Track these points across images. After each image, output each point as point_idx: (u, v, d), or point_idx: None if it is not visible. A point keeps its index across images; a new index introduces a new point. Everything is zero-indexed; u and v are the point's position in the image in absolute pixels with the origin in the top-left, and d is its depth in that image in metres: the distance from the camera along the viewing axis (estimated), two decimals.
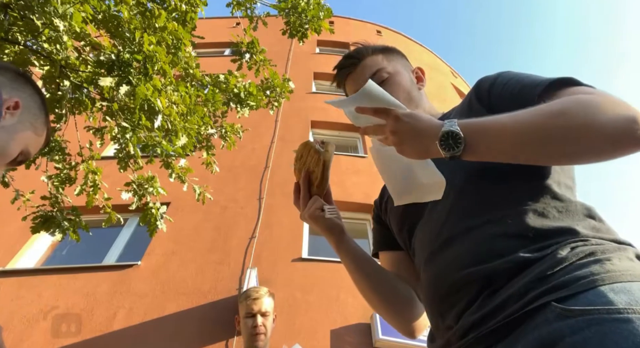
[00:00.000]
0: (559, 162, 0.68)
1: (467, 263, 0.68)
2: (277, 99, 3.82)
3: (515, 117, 0.64)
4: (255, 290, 1.94)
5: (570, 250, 0.61)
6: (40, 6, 2.22)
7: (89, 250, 5.98)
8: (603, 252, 0.61)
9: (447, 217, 0.76)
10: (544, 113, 0.63)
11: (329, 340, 4.79)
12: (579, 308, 0.53)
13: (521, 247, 0.64)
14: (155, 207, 3.12)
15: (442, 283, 0.72)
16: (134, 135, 2.76)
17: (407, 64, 1.04)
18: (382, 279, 0.93)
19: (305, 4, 3.56)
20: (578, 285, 0.56)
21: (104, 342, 4.76)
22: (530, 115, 0.63)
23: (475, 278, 0.67)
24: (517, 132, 0.62)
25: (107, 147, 6.70)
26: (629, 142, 0.59)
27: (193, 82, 3.42)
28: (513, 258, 0.64)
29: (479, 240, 0.69)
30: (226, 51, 11.68)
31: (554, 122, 0.61)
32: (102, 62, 2.56)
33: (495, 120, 0.65)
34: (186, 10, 2.93)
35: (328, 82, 11.45)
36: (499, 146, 0.64)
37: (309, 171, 0.93)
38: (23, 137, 0.73)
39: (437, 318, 0.75)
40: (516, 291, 0.60)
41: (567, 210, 0.69)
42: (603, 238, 0.65)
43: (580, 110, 0.61)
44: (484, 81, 0.82)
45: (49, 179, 3.08)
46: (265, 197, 6.88)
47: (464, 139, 0.63)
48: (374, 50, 0.99)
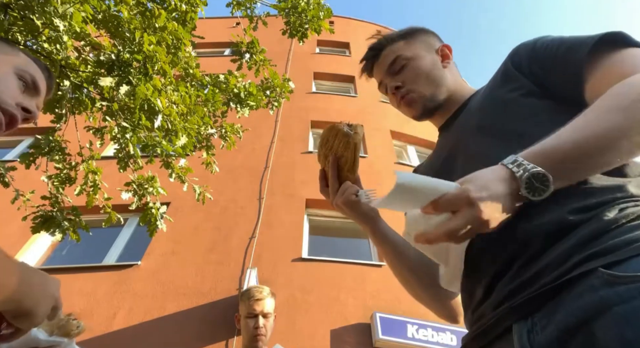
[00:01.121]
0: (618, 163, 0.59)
1: (500, 232, 0.59)
2: (277, 99, 3.82)
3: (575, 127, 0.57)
4: (259, 291, 1.92)
5: (618, 212, 0.56)
6: (40, 6, 2.22)
7: (89, 250, 5.98)
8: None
9: None
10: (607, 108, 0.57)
11: (329, 340, 4.79)
12: (629, 274, 0.47)
13: (566, 205, 0.59)
14: (155, 207, 3.12)
15: (479, 254, 0.67)
16: (134, 135, 2.76)
17: (432, 42, 1.00)
18: (422, 263, 0.87)
19: (305, 4, 3.56)
20: (629, 249, 0.50)
21: (104, 342, 4.76)
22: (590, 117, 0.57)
23: (510, 242, 0.61)
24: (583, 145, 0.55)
25: (107, 147, 6.70)
26: None
27: (193, 82, 3.42)
28: (556, 219, 0.58)
29: None
30: (226, 51, 11.68)
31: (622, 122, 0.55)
32: (102, 62, 2.56)
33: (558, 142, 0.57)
34: (186, 10, 2.93)
35: (328, 82, 11.45)
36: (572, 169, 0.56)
37: (338, 156, 0.87)
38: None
39: (470, 287, 0.70)
40: (556, 257, 0.55)
41: (618, 169, 0.62)
42: None
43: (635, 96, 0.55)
44: (521, 47, 0.77)
45: (49, 179, 3.07)
46: (265, 197, 6.88)
47: (549, 178, 0.53)
48: (393, 39, 0.98)
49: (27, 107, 0.71)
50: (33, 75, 0.73)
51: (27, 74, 0.72)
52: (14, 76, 0.69)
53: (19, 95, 0.70)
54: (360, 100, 10.31)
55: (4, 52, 0.71)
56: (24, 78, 0.71)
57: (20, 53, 0.74)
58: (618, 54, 0.64)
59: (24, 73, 0.71)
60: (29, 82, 0.72)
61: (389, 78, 0.96)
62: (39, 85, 0.74)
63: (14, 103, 0.69)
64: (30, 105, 0.71)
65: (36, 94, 0.74)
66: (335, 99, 10.26)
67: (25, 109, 0.71)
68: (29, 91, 0.72)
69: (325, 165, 0.90)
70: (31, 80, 0.72)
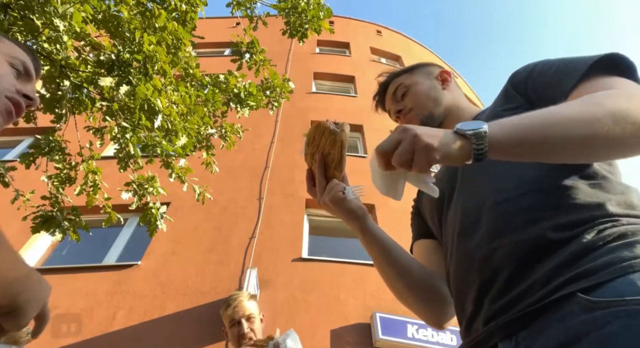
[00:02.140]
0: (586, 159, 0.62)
1: (487, 241, 0.66)
2: (277, 99, 3.82)
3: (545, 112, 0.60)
4: (234, 298, 1.86)
5: (597, 233, 0.57)
6: (40, 6, 2.22)
7: (89, 250, 5.98)
8: (634, 234, 0.56)
9: (477, 194, 0.74)
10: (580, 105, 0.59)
11: (329, 340, 4.79)
12: (605, 299, 0.49)
13: (546, 220, 0.61)
14: (155, 207, 3.12)
15: (466, 263, 0.70)
16: (134, 135, 2.76)
17: (432, 71, 1.10)
18: (411, 265, 0.88)
19: (305, 4, 3.56)
20: (606, 272, 0.52)
21: (104, 342, 4.76)
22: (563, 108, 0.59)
23: (499, 254, 0.64)
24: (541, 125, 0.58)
25: (107, 147, 6.70)
26: None
27: (193, 82, 3.42)
28: (537, 235, 0.61)
29: (505, 214, 0.66)
30: (226, 51, 11.68)
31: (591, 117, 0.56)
32: (102, 62, 2.56)
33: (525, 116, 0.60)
34: (186, 10, 2.93)
35: (328, 82, 11.45)
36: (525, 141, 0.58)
37: (324, 154, 0.86)
38: None
39: (462, 299, 0.72)
40: (539, 278, 0.57)
41: (601, 186, 0.65)
42: (637, 216, 0.60)
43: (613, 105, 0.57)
44: (521, 70, 0.80)
45: (49, 179, 3.07)
46: (265, 197, 6.88)
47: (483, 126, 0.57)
48: (397, 74, 1.11)
49: (27, 94, 0.70)
50: (23, 60, 0.71)
51: (17, 60, 0.70)
52: (6, 64, 0.68)
53: (16, 83, 0.69)
54: (360, 100, 10.31)
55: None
56: (15, 65, 0.69)
57: (2, 38, 0.72)
58: (602, 80, 0.66)
59: (14, 60, 0.70)
60: (20, 68, 0.70)
61: (394, 105, 1.06)
62: (31, 70, 0.73)
63: (14, 89, 0.68)
64: (28, 91, 0.70)
65: (29, 79, 0.73)
66: (335, 99, 10.26)
67: (26, 95, 0.70)
68: (22, 77, 0.71)
69: (312, 164, 0.90)
70: (22, 66, 0.71)
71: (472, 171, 0.77)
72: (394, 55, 13.93)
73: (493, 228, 0.67)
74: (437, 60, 15.78)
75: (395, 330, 4.94)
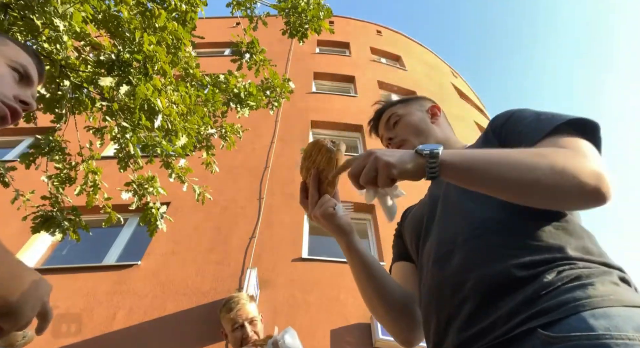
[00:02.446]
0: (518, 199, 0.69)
1: (459, 272, 0.73)
2: (277, 99, 3.82)
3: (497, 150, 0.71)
4: (235, 301, 1.85)
5: (556, 274, 0.64)
6: (40, 6, 2.22)
7: (89, 250, 5.98)
8: (588, 276, 0.63)
9: (453, 228, 0.80)
10: (525, 151, 0.69)
11: (329, 340, 4.79)
12: (561, 335, 0.56)
13: (513, 259, 0.68)
14: (155, 207, 3.12)
15: (437, 291, 0.76)
16: (134, 135, 2.76)
17: (423, 104, 1.19)
18: (388, 284, 0.93)
19: (305, 4, 3.55)
20: (561, 311, 0.59)
21: (104, 342, 4.76)
22: (512, 150, 0.70)
23: (466, 287, 0.70)
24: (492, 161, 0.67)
25: (107, 147, 6.70)
26: (592, 198, 0.64)
27: (193, 82, 3.42)
28: (502, 271, 0.67)
29: (476, 249, 0.73)
30: (226, 51, 11.68)
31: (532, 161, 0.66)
32: (102, 62, 2.56)
33: (481, 150, 0.72)
34: (186, 10, 2.93)
35: (328, 82, 11.45)
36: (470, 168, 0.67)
37: (319, 169, 0.91)
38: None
39: (429, 322, 0.78)
40: (505, 312, 0.63)
41: (564, 228, 0.72)
42: (592, 260, 0.67)
43: (557, 159, 0.65)
44: (500, 116, 0.88)
45: (49, 179, 3.07)
46: (265, 197, 6.88)
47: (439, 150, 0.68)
48: (392, 103, 1.19)
49: (24, 100, 0.70)
50: (25, 65, 0.72)
51: (19, 65, 0.71)
52: (7, 68, 0.69)
53: (15, 87, 0.69)
54: (360, 100, 10.31)
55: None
56: (16, 69, 0.70)
57: (9, 42, 0.73)
58: (563, 138, 0.73)
59: (16, 64, 0.70)
60: (22, 72, 0.71)
61: (386, 132, 1.14)
62: (32, 75, 0.73)
63: (12, 96, 0.68)
64: (26, 96, 0.71)
65: (30, 84, 0.73)
66: (335, 99, 10.26)
67: (23, 101, 0.70)
68: (22, 81, 0.72)
69: (306, 178, 0.94)
70: (24, 70, 0.71)
71: (451, 204, 0.85)
72: (394, 55, 13.93)
73: (464, 262, 0.73)
74: (437, 60, 15.78)
75: None
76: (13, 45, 0.73)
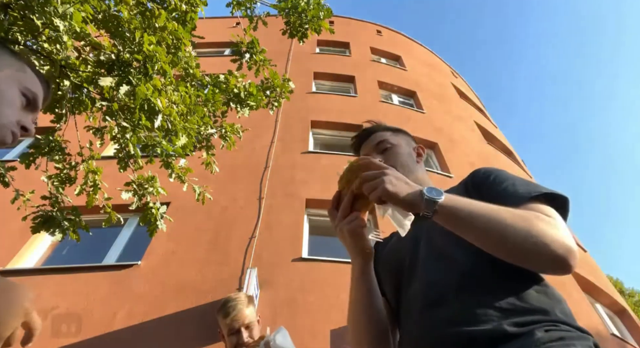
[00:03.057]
0: (504, 256, 0.77)
1: (453, 324, 0.77)
2: (277, 99, 3.82)
3: (488, 205, 0.79)
4: (232, 305, 1.80)
5: (544, 333, 0.71)
6: (40, 6, 2.22)
7: (89, 250, 5.98)
8: (571, 338, 0.71)
9: (442, 276, 0.85)
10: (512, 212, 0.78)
11: (329, 340, 4.79)
12: None
13: (505, 318, 0.75)
14: (155, 207, 3.12)
15: (427, 339, 0.80)
16: (134, 135, 2.76)
17: (411, 142, 1.26)
18: (381, 316, 0.96)
19: (305, 4, 3.55)
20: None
21: (104, 342, 4.76)
22: (501, 209, 0.78)
23: (459, 340, 0.75)
24: (483, 212, 0.76)
25: (107, 147, 6.70)
26: (559, 266, 0.74)
27: (193, 82, 3.42)
28: (496, 329, 0.73)
29: (469, 305, 0.79)
30: (226, 51, 11.68)
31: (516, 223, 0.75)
32: (102, 62, 2.56)
33: (473, 201, 0.80)
34: (186, 10, 2.93)
35: (328, 82, 11.45)
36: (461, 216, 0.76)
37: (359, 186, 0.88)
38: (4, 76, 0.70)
39: None
40: None
41: (546, 293, 0.80)
42: (571, 324, 0.75)
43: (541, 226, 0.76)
44: (482, 174, 0.98)
45: (49, 179, 3.07)
46: (265, 197, 6.88)
47: (442, 193, 0.77)
48: (384, 128, 1.24)
49: (25, 125, 0.74)
50: (35, 93, 0.75)
51: (30, 92, 0.74)
52: (18, 93, 0.72)
53: (20, 112, 0.73)
54: (360, 100, 10.31)
55: (12, 66, 0.73)
56: (26, 95, 0.74)
57: (27, 69, 0.76)
58: (540, 206, 0.83)
59: (28, 91, 0.74)
60: (30, 99, 0.75)
61: (374, 154, 1.17)
62: (39, 103, 0.77)
63: (16, 121, 0.72)
64: (28, 122, 0.74)
65: (35, 110, 0.77)
66: (335, 99, 10.26)
67: (24, 127, 0.74)
68: (28, 107, 0.75)
69: (343, 188, 0.92)
70: (33, 98, 0.75)
71: (435, 248, 0.91)
72: (394, 55, 13.93)
73: (456, 314, 0.79)
74: (437, 60, 15.78)
75: None
76: (31, 74, 0.77)
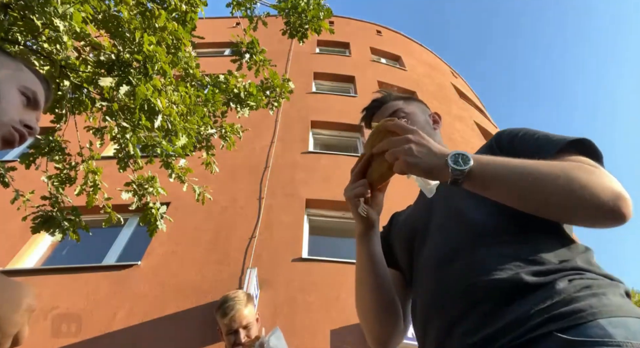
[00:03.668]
0: (542, 212, 0.70)
1: (468, 277, 0.72)
2: (277, 99, 3.82)
3: (521, 161, 0.70)
4: (230, 306, 1.78)
5: (568, 282, 0.65)
6: (40, 6, 2.22)
7: (89, 250, 5.98)
8: (598, 287, 0.65)
9: (457, 234, 0.80)
10: (549, 165, 0.69)
11: (329, 340, 4.79)
12: (580, 339, 0.56)
13: (523, 268, 0.68)
14: (155, 207, 3.12)
15: (442, 295, 0.75)
16: (134, 135, 2.76)
17: (426, 109, 1.19)
18: (384, 283, 0.91)
19: (305, 4, 3.55)
20: (578, 316, 0.59)
21: (104, 342, 4.76)
22: (535, 163, 0.70)
23: (475, 292, 0.70)
24: (517, 172, 0.68)
25: (107, 147, 6.70)
26: (611, 216, 0.65)
27: (193, 82, 3.42)
28: (514, 278, 0.67)
29: (485, 256, 0.73)
30: (226, 51, 11.69)
31: (557, 177, 0.67)
32: (102, 62, 2.56)
33: (503, 158, 0.72)
34: (186, 10, 2.93)
35: (328, 82, 11.45)
36: (499, 179, 0.69)
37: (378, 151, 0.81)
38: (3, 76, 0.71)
39: (428, 327, 0.77)
40: (518, 317, 0.63)
41: (569, 243, 0.74)
42: (597, 273, 0.69)
43: (583, 175, 0.67)
44: (507, 133, 0.88)
45: (49, 179, 3.08)
46: (265, 197, 6.88)
47: (470, 159, 0.69)
48: (395, 97, 1.16)
49: (29, 124, 0.74)
50: (35, 91, 0.75)
51: (29, 91, 0.74)
52: (17, 92, 0.72)
53: (22, 111, 0.73)
54: (360, 100, 10.31)
55: (9, 67, 0.73)
56: (26, 94, 0.74)
57: (23, 67, 0.76)
58: (574, 156, 0.75)
59: (27, 90, 0.74)
60: (30, 97, 0.75)
61: None
62: (40, 101, 0.77)
63: (18, 120, 0.72)
64: (31, 120, 0.74)
65: (36, 109, 0.77)
66: (335, 99, 10.26)
67: (28, 125, 0.74)
68: (29, 106, 0.75)
69: (367, 152, 0.85)
70: (33, 96, 0.75)
71: (454, 210, 0.85)
72: (394, 55, 13.93)
73: (473, 267, 0.73)
74: (437, 60, 15.78)
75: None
76: (27, 71, 0.77)
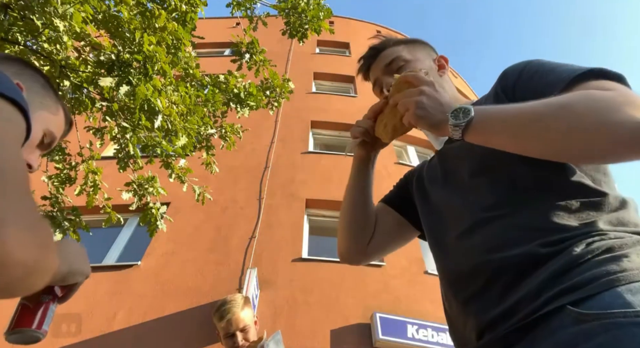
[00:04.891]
0: (556, 157, 0.64)
1: (484, 251, 0.67)
2: (277, 99, 3.82)
3: (521, 105, 0.64)
4: (227, 309, 1.78)
5: (585, 246, 0.58)
6: (40, 6, 2.22)
7: (89, 250, 5.93)
8: (621, 247, 0.57)
9: (473, 203, 0.75)
10: (548, 103, 0.61)
11: (329, 340, 4.79)
12: (594, 312, 0.50)
13: (537, 239, 0.62)
14: (155, 207, 3.13)
15: (463, 270, 0.72)
16: (134, 135, 2.76)
17: (431, 52, 1.05)
18: (368, 211, 0.99)
19: (305, 4, 3.55)
20: (593, 286, 0.53)
21: (104, 342, 4.76)
22: (535, 104, 0.62)
23: (489, 267, 0.66)
24: (517, 117, 0.63)
25: (107, 147, 6.70)
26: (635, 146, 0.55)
27: (193, 82, 3.42)
28: (527, 251, 0.62)
29: (497, 229, 0.68)
30: (226, 51, 11.68)
31: (556, 113, 0.59)
32: (102, 62, 2.56)
33: (504, 105, 0.67)
34: (186, 10, 2.93)
35: (328, 82, 11.45)
36: (498, 128, 0.64)
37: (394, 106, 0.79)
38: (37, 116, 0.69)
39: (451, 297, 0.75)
40: (530, 291, 0.58)
41: (593, 203, 0.65)
42: (626, 231, 0.61)
43: (586, 106, 0.58)
44: (510, 73, 0.79)
45: (49, 179, 3.08)
46: (265, 197, 6.88)
47: (471, 112, 0.64)
48: (395, 42, 1.02)
49: (30, 163, 0.73)
50: (55, 138, 0.75)
51: (49, 137, 0.74)
52: (40, 133, 0.72)
53: (30, 150, 0.72)
54: (360, 100, 10.30)
55: (49, 109, 0.73)
56: (45, 137, 0.74)
57: (60, 110, 0.76)
58: (587, 84, 0.66)
59: (48, 134, 0.74)
60: (47, 141, 0.75)
61: (386, 76, 0.96)
62: (52, 145, 0.78)
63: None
64: (34, 159, 0.74)
65: (44, 150, 0.77)
66: (335, 99, 10.26)
67: (28, 164, 0.73)
68: (41, 146, 0.75)
69: (385, 96, 0.85)
70: (50, 141, 0.75)
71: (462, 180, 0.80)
72: None
73: (487, 240, 0.69)
74: None
75: (395, 330, 4.94)
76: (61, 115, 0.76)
